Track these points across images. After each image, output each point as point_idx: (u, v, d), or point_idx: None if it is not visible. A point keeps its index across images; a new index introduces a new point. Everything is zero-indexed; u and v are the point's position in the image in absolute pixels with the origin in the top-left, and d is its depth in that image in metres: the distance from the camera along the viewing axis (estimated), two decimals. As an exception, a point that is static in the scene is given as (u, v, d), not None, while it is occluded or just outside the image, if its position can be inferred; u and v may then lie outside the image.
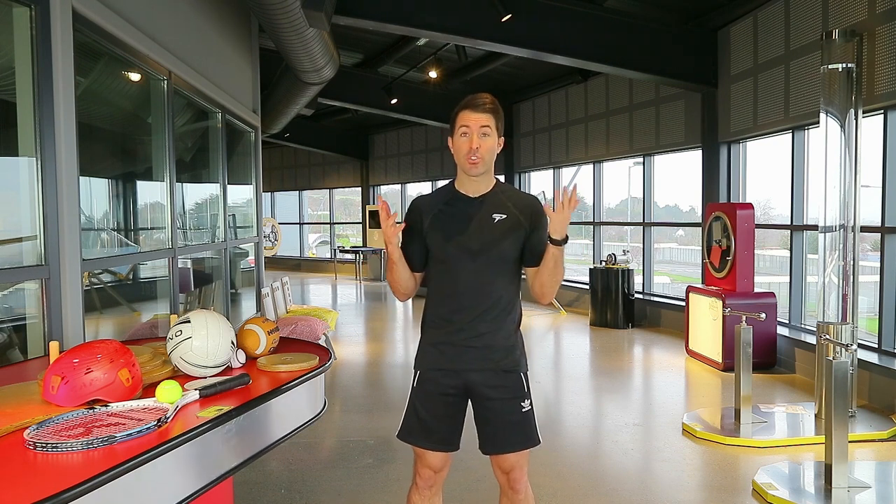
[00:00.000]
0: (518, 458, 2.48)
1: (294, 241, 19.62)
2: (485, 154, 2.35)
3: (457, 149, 2.38)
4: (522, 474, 2.51)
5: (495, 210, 2.39)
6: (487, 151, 2.36)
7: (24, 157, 3.20)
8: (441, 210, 2.43)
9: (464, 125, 2.35)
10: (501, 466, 2.50)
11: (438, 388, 2.45)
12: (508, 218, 2.39)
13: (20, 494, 1.35)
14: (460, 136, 2.36)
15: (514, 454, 2.47)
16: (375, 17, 7.18)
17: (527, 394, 2.48)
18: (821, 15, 6.19)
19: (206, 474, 1.78)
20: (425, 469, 2.51)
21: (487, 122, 2.35)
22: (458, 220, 2.40)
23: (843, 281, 5.18)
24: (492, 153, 2.38)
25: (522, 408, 2.45)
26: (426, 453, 2.49)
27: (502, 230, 2.38)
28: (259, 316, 4.39)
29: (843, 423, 3.69)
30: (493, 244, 2.37)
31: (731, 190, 8.09)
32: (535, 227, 2.41)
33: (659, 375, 6.79)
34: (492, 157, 2.38)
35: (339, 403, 5.64)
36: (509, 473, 2.49)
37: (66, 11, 3.27)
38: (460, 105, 2.39)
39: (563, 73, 10.68)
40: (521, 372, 2.48)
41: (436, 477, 2.52)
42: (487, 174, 2.43)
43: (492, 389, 2.43)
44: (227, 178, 6.69)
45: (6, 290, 3.62)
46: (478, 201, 2.41)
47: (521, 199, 2.45)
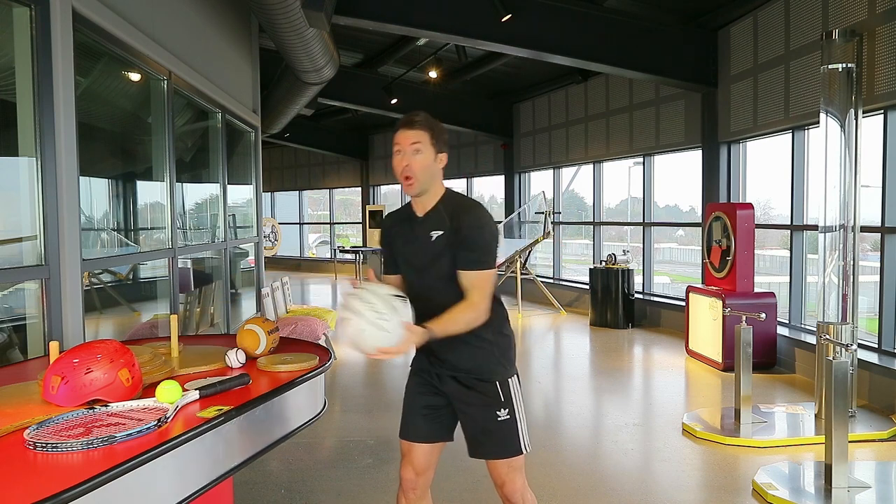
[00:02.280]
0: (507, 472, 2.45)
1: (294, 241, 19.62)
2: (417, 171, 2.33)
3: (394, 169, 2.39)
4: (515, 488, 2.48)
5: (434, 227, 2.37)
6: (420, 169, 2.34)
7: (24, 157, 3.20)
8: (398, 229, 2.49)
9: (397, 143, 2.36)
10: (493, 479, 2.52)
11: (422, 385, 2.53)
12: (444, 234, 2.35)
13: (20, 494, 1.35)
14: (395, 155, 2.37)
15: (500, 467, 2.45)
16: (375, 17, 7.18)
17: (504, 403, 2.42)
18: (821, 15, 6.19)
19: (206, 474, 1.78)
20: (407, 469, 2.52)
21: (418, 139, 2.34)
22: (407, 239, 2.44)
23: (843, 281, 5.18)
24: (426, 170, 2.35)
25: (498, 416, 2.41)
26: (410, 450, 2.51)
27: (439, 248, 2.35)
28: (259, 316, 4.39)
29: (843, 423, 3.69)
30: (433, 262, 2.37)
31: (731, 190, 8.09)
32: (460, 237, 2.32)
33: (659, 375, 6.79)
34: (427, 174, 2.35)
35: (339, 403, 5.64)
36: (501, 488, 2.49)
37: (66, 11, 3.27)
38: (396, 125, 2.40)
39: (563, 73, 10.68)
40: (497, 381, 2.43)
41: (418, 480, 2.52)
42: (430, 191, 2.40)
43: (466, 397, 2.44)
44: (227, 178, 6.68)
45: (6, 290, 3.62)
46: (421, 220, 2.42)
47: (456, 209, 2.39)
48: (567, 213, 12.68)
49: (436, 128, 2.39)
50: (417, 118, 2.38)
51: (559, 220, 11.85)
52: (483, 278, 2.33)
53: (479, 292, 2.31)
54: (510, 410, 2.42)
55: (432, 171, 2.37)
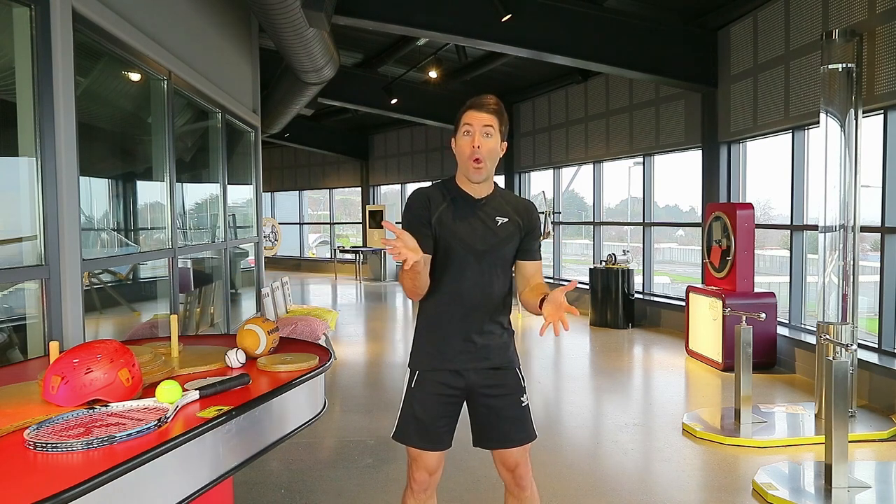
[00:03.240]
0: (521, 454, 2.49)
1: (294, 241, 19.62)
2: (486, 154, 2.32)
3: (460, 149, 2.36)
4: (527, 471, 2.51)
5: (498, 213, 2.40)
6: (489, 152, 2.33)
7: (24, 157, 3.20)
8: (448, 206, 2.40)
9: (467, 124, 2.33)
10: (506, 464, 2.50)
11: (438, 388, 2.44)
12: (510, 222, 2.41)
13: (20, 494, 1.35)
14: (463, 136, 2.34)
15: (517, 451, 2.47)
16: (375, 17, 7.18)
17: (524, 389, 2.51)
18: (821, 15, 6.19)
19: (206, 474, 1.78)
20: (421, 472, 2.48)
21: (490, 122, 2.32)
22: (465, 220, 2.38)
23: (843, 281, 5.18)
24: (494, 155, 2.36)
25: (521, 402, 2.48)
26: (423, 455, 2.47)
27: (505, 234, 2.40)
28: (259, 316, 4.39)
29: (843, 423, 3.69)
30: (497, 246, 2.39)
31: (731, 190, 8.09)
32: (530, 230, 2.47)
33: (659, 375, 6.79)
34: (494, 160, 2.36)
35: (339, 403, 5.64)
36: (514, 471, 2.49)
37: (66, 11, 3.27)
38: (465, 106, 2.37)
39: (563, 73, 10.68)
40: (517, 368, 2.51)
41: (430, 480, 2.51)
42: (491, 176, 2.43)
43: (491, 388, 2.44)
44: (227, 178, 6.68)
45: (6, 290, 3.62)
46: (482, 203, 2.41)
47: (519, 204, 2.49)
48: (567, 213, 12.68)
49: (504, 115, 2.38)
50: (490, 101, 2.34)
51: (559, 220, 11.85)
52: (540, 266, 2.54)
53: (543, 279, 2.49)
54: (527, 396, 2.51)
55: (496, 156, 2.38)
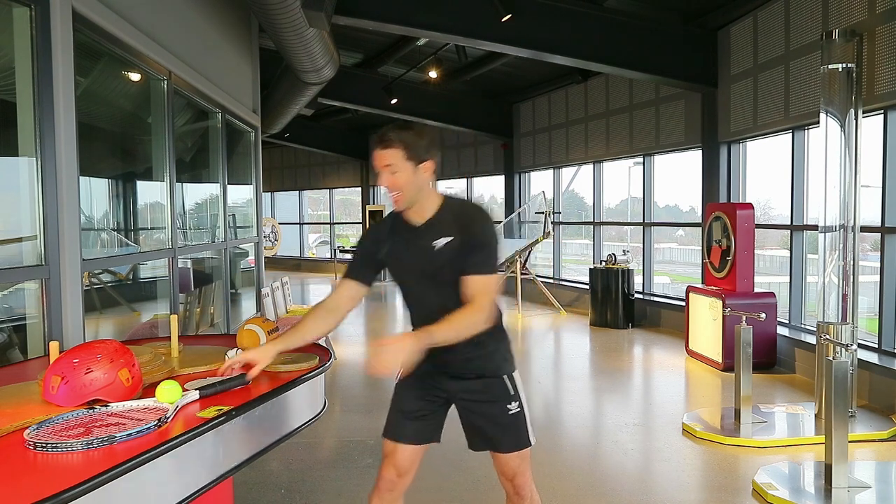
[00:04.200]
0: (518, 463, 2.48)
1: (294, 241, 19.62)
2: (401, 187, 2.29)
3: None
4: (526, 479, 2.51)
5: (439, 234, 2.33)
6: (403, 185, 2.29)
7: (24, 157, 3.21)
8: (392, 239, 2.43)
9: (374, 165, 2.33)
10: (503, 472, 2.51)
11: (417, 387, 2.49)
12: (453, 240, 2.33)
13: (20, 494, 1.35)
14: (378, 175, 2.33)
15: (512, 459, 2.47)
16: (375, 17, 7.18)
17: (514, 396, 2.45)
18: (821, 15, 6.19)
19: (206, 474, 1.78)
20: (389, 469, 2.50)
21: (390, 160, 2.27)
22: (407, 249, 2.39)
23: (843, 281, 5.17)
24: (411, 184, 2.30)
25: (509, 410, 2.44)
26: (395, 450, 2.49)
27: (447, 255, 2.33)
28: (259, 316, 4.39)
29: (843, 423, 3.69)
30: (440, 269, 2.35)
31: (731, 190, 8.09)
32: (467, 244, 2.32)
33: (659, 375, 6.79)
34: (412, 188, 2.31)
35: (339, 403, 5.64)
36: (513, 480, 2.50)
37: (66, 11, 3.27)
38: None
39: (563, 73, 10.68)
40: (505, 375, 2.46)
41: (398, 481, 2.50)
42: (424, 199, 2.36)
43: (474, 395, 2.45)
44: (227, 178, 6.68)
45: (6, 290, 3.62)
46: (422, 229, 2.38)
47: (463, 217, 2.37)
48: (567, 213, 12.69)
49: (409, 140, 2.29)
50: (388, 136, 2.29)
51: (559, 220, 11.85)
52: (488, 283, 2.31)
53: (485, 297, 2.29)
54: (519, 403, 2.47)
55: (416, 183, 2.31)
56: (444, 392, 2.49)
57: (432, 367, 2.44)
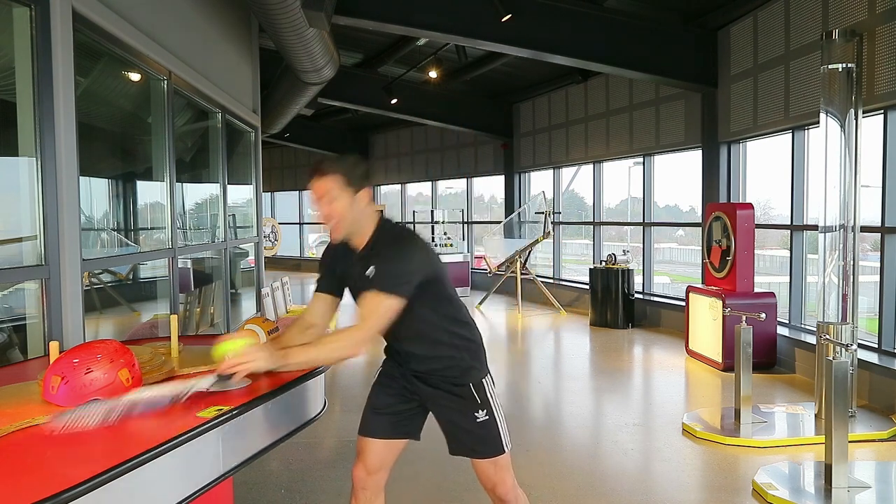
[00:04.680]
0: (495, 472, 2.48)
1: (294, 241, 19.61)
2: (337, 217, 2.27)
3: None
4: (507, 488, 2.50)
5: (368, 263, 2.32)
6: (342, 213, 2.27)
7: (24, 157, 3.21)
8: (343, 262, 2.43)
9: (311, 196, 2.32)
10: (484, 483, 2.52)
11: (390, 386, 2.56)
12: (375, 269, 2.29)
13: (21, 494, 1.35)
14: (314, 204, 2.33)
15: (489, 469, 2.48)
16: (375, 17, 7.18)
17: (481, 404, 2.44)
18: (821, 15, 6.19)
19: (206, 474, 1.78)
20: (359, 467, 2.52)
21: (327, 189, 2.25)
22: (351, 273, 2.40)
23: (843, 281, 5.17)
24: (347, 213, 2.28)
25: (477, 418, 2.44)
26: (365, 448, 2.52)
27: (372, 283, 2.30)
28: (259, 316, 4.39)
29: (843, 423, 3.69)
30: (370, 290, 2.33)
31: (731, 190, 8.09)
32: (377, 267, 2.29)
33: (659, 375, 6.79)
34: (349, 216, 2.28)
35: (339, 403, 5.64)
36: (494, 490, 2.51)
37: (66, 11, 3.27)
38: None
39: (563, 73, 10.68)
40: (471, 384, 2.44)
41: (368, 479, 2.51)
42: (360, 230, 2.34)
43: (442, 400, 2.47)
44: (227, 178, 6.69)
45: (6, 290, 3.62)
46: (359, 257, 2.38)
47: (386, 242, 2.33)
48: (567, 213, 12.68)
49: (345, 168, 2.27)
50: (322, 166, 2.27)
51: (559, 220, 11.84)
52: (381, 302, 2.21)
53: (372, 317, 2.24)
54: (488, 411, 2.45)
55: (354, 211, 2.29)
56: (417, 395, 2.52)
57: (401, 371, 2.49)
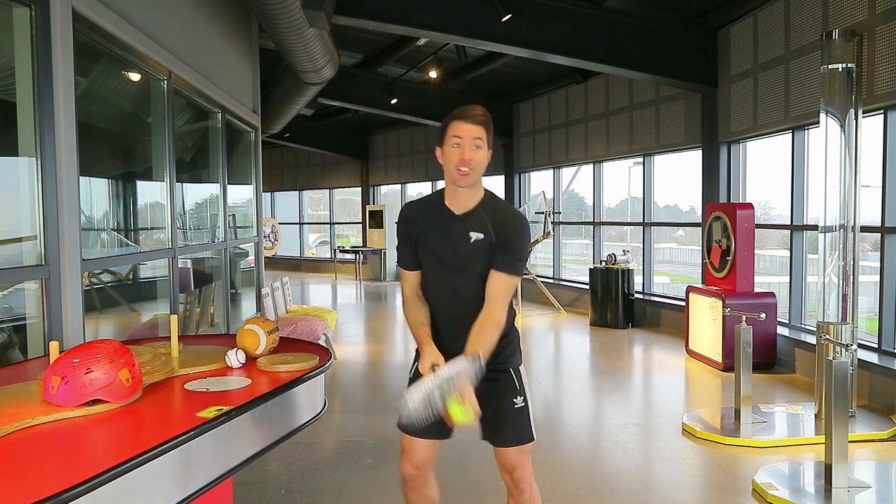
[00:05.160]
0: (518, 456, 2.50)
1: (294, 241, 19.61)
2: (476, 166, 2.34)
3: (447, 158, 2.36)
4: (526, 474, 2.52)
5: (473, 229, 2.38)
6: (478, 164, 2.35)
7: (24, 157, 3.20)
8: (429, 223, 2.44)
9: (456, 136, 2.33)
10: (504, 465, 2.52)
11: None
12: (485, 238, 2.38)
13: (21, 494, 1.35)
14: (452, 147, 2.33)
15: (513, 452, 2.49)
16: (375, 17, 7.17)
17: (519, 391, 2.51)
18: (821, 15, 6.19)
19: (206, 474, 1.78)
20: (407, 465, 2.53)
21: (480, 135, 2.33)
22: (441, 236, 2.42)
23: (843, 281, 5.17)
24: (482, 166, 2.37)
25: (515, 404, 2.49)
26: (412, 446, 2.51)
27: (477, 250, 2.38)
28: (259, 316, 4.39)
29: (843, 423, 3.69)
30: (468, 263, 2.39)
31: (731, 190, 8.09)
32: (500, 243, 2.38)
33: (659, 375, 6.79)
34: (481, 169, 2.37)
35: (339, 403, 5.64)
36: (512, 473, 2.51)
37: (66, 11, 3.27)
38: (452, 115, 2.37)
39: (563, 73, 10.68)
40: (512, 369, 2.51)
41: (418, 474, 2.53)
42: (476, 187, 2.42)
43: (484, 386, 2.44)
44: (227, 178, 6.68)
45: (6, 290, 3.62)
46: (460, 219, 2.41)
47: (498, 217, 2.42)
48: (567, 213, 12.68)
49: (491, 125, 2.39)
50: (478, 113, 2.35)
51: (559, 220, 11.85)
52: (513, 283, 2.41)
53: (507, 296, 2.40)
54: (524, 398, 2.52)
55: (484, 166, 2.40)
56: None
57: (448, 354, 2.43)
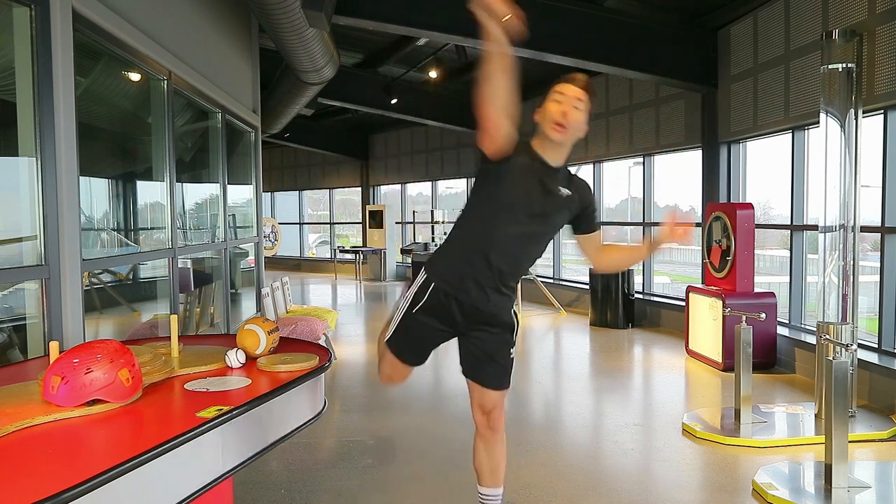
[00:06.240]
0: (499, 399, 2.66)
1: (294, 241, 19.61)
2: (572, 124, 2.41)
3: (544, 113, 2.44)
4: (501, 414, 2.68)
5: (564, 184, 2.50)
6: (575, 123, 2.42)
7: (24, 157, 3.20)
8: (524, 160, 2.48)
9: (559, 93, 2.44)
10: (483, 406, 2.65)
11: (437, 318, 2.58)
12: (571, 196, 2.52)
13: (21, 494, 1.36)
14: (552, 102, 2.43)
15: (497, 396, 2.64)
16: (375, 17, 7.17)
17: (513, 343, 2.68)
18: (821, 15, 6.19)
19: (206, 474, 1.78)
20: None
21: (581, 97, 2.43)
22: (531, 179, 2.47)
23: (843, 281, 5.17)
24: (577, 128, 2.44)
25: (510, 354, 2.66)
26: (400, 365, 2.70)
27: (564, 203, 2.51)
28: (259, 316, 4.39)
29: (843, 423, 3.69)
30: (553, 213, 2.50)
31: (731, 190, 8.09)
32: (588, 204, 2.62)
33: (659, 375, 6.79)
34: (576, 130, 2.45)
35: (339, 403, 5.64)
36: (490, 413, 2.65)
37: (66, 11, 3.27)
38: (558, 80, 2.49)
39: (563, 73, 10.64)
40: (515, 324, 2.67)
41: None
42: (563, 149, 2.51)
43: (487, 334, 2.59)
44: (227, 178, 6.68)
45: (6, 290, 3.62)
46: (554, 170, 2.49)
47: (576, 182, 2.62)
48: (567, 213, 12.67)
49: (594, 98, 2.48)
50: (591, 84, 2.46)
51: (559, 220, 11.83)
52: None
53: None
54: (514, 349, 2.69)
55: (578, 131, 2.46)
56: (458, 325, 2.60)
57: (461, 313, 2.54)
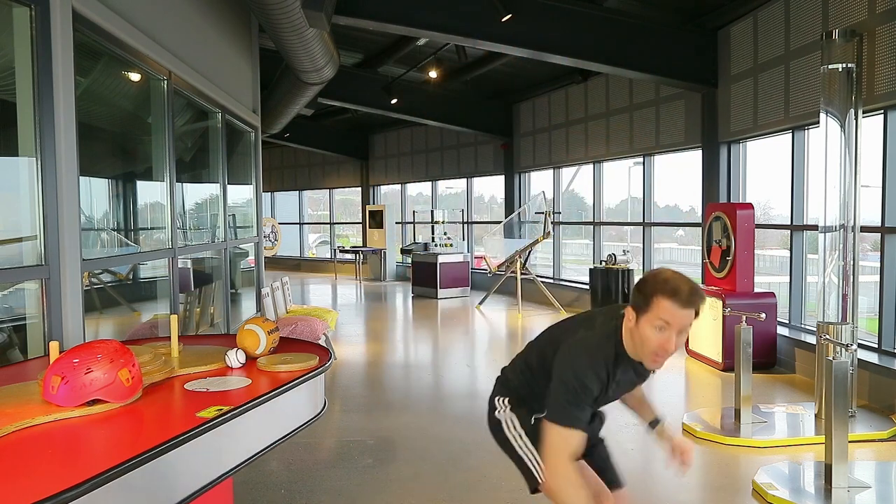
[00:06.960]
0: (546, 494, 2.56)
1: (294, 241, 19.61)
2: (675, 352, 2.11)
3: (644, 336, 2.07)
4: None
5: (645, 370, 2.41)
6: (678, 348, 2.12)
7: (24, 157, 3.20)
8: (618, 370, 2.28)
9: (665, 319, 2.03)
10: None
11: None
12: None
13: (21, 494, 1.36)
14: (655, 328, 2.05)
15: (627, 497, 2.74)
16: (375, 17, 7.17)
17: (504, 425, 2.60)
18: (821, 15, 6.19)
19: (206, 474, 1.78)
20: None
21: (690, 321, 2.06)
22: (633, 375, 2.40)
23: (843, 281, 5.17)
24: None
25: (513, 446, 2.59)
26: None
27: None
28: (259, 316, 4.39)
29: (843, 423, 3.69)
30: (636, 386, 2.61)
31: (731, 190, 8.09)
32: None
33: (659, 375, 6.75)
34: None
35: (339, 403, 5.64)
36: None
37: (66, 11, 3.27)
38: (664, 288, 2.03)
39: (563, 73, 10.68)
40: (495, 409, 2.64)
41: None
42: None
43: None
44: (227, 178, 6.68)
45: (6, 290, 3.62)
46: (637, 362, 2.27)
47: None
48: (567, 213, 12.68)
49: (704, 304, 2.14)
50: (697, 297, 2.05)
51: (559, 220, 11.85)
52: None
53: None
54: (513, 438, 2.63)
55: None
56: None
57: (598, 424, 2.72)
